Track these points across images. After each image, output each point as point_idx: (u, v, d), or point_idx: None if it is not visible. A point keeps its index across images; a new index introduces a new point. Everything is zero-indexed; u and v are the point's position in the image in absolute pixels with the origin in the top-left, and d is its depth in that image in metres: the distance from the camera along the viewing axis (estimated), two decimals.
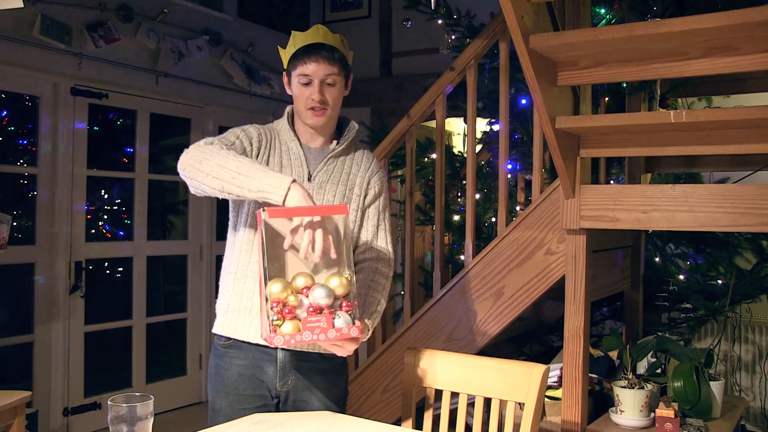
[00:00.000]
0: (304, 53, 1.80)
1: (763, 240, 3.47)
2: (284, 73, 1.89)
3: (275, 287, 1.54)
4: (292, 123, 1.91)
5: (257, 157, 1.81)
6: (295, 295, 1.55)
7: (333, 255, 1.59)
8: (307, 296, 1.56)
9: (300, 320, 1.52)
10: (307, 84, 1.80)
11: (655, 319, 3.45)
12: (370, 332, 1.75)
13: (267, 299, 1.53)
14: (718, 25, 1.77)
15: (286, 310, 1.52)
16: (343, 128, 1.95)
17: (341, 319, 1.54)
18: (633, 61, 2.05)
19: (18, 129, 3.97)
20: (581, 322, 2.35)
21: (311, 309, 1.53)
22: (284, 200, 1.54)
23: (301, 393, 1.82)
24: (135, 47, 4.16)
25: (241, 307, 1.80)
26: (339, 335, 1.52)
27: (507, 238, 2.70)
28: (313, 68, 1.79)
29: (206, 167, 1.62)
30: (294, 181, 1.56)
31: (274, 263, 1.60)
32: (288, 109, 1.93)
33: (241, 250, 1.82)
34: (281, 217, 1.57)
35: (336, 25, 5.46)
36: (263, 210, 1.52)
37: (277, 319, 1.51)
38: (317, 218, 1.55)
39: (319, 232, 1.54)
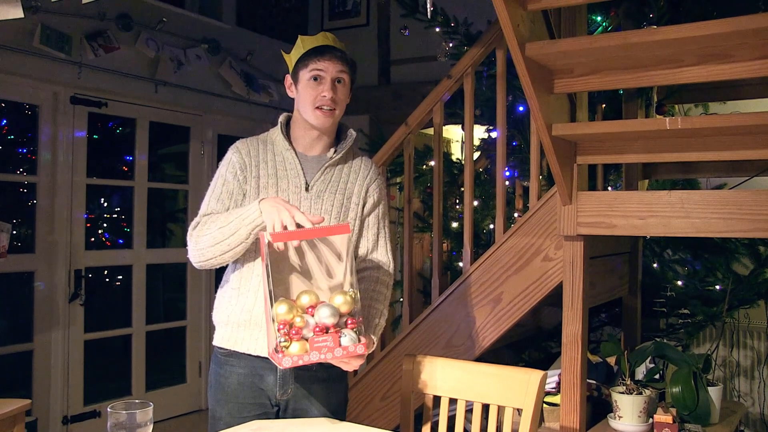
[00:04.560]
0: (317, 53, 1.83)
1: (760, 246, 3.48)
2: (288, 76, 1.89)
3: (281, 308, 1.55)
4: (287, 132, 1.90)
5: (245, 180, 1.82)
6: (301, 316, 1.56)
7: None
8: (313, 315, 1.57)
9: (307, 340, 1.54)
10: (318, 80, 1.81)
11: (653, 324, 3.45)
12: (375, 345, 1.76)
13: (273, 320, 1.54)
14: (712, 33, 1.78)
15: (293, 332, 1.54)
16: (341, 135, 1.94)
17: (347, 337, 1.55)
18: (628, 69, 2.07)
19: (18, 138, 3.98)
20: (579, 328, 2.35)
21: (317, 329, 1.54)
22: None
23: (301, 401, 1.83)
24: (134, 56, 4.18)
25: (240, 320, 1.81)
26: (345, 353, 1.54)
27: (505, 244, 2.71)
28: (326, 65, 1.82)
29: (207, 253, 1.74)
30: (262, 200, 1.67)
31: (279, 286, 1.62)
32: (281, 117, 1.91)
33: (243, 265, 1.82)
34: (284, 241, 1.58)
35: (334, 33, 5.45)
36: (267, 233, 1.55)
37: (284, 341, 1.53)
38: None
39: None
